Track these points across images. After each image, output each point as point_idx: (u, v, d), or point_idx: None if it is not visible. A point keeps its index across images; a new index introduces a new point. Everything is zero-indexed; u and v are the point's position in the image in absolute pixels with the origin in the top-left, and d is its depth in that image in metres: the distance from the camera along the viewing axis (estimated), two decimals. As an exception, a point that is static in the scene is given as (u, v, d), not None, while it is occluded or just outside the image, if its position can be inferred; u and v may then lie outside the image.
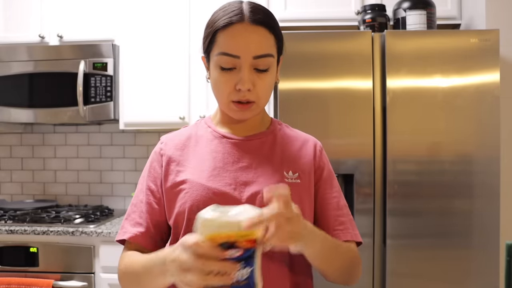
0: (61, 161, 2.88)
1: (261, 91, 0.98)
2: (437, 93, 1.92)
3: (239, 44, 0.94)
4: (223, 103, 1.01)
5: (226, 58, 0.95)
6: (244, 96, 0.96)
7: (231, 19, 0.95)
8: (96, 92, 2.47)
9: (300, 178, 1.01)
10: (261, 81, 0.97)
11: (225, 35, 0.95)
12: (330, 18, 2.38)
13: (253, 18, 0.95)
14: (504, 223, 1.96)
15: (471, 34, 1.92)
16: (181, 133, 1.10)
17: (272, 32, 0.98)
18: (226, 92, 0.97)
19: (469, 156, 1.92)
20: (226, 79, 0.96)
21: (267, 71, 0.98)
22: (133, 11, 2.50)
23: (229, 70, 0.96)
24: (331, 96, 1.96)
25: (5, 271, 2.17)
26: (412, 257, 1.92)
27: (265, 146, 1.05)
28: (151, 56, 2.48)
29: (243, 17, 0.95)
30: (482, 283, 1.90)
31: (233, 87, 0.96)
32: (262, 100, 1.00)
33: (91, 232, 2.15)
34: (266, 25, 0.97)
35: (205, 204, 0.95)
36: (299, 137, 1.10)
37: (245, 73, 0.95)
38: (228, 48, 0.95)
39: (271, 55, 0.97)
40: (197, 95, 2.46)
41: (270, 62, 0.97)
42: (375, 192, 1.94)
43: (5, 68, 2.53)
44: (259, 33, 0.96)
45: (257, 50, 0.95)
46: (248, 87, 0.95)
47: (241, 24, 0.95)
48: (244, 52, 0.94)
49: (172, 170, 1.03)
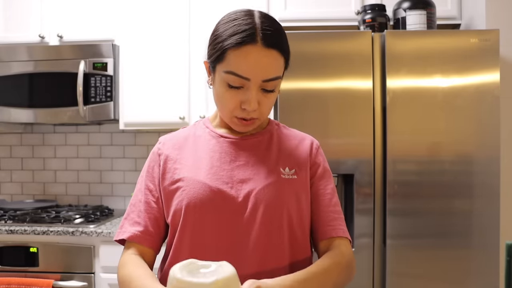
0: (61, 161, 2.88)
1: (265, 109, 0.99)
2: (437, 93, 1.92)
3: (250, 67, 0.93)
4: (226, 117, 1.02)
5: (235, 78, 0.94)
6: (248, 114, 0.97)
7: (243, 39, 0.92)
8: (96, 92, 2.47)
9: (296, 174, 1.02)
10: (267, 99, 0.98)
11: (236, 56, 0.93)
12: (330, 18, 2.38)
13: (266, 42, 0.93)
14: (504, 223, 1.96)
15: (471, 34, 1.92)
16: (179, 133, 1.11)
17: (283, 54, 0.97)
18: (231, 108, 0.98)
19: (469, 156, 1.92)
20: (232, 96, 0.96)
21: (273, 91, 0.98)
22: (133, 11, 2.50)
23: (236, 88, 0.96)
24: (331, 96, 1.96)
25: (5, 271, 2.17)
26: (412, 257, 1.92)
27: (262, 145, 1.05)
28: (151, 56, 2.48)
29: (256, 39, 0.93)
30: (482, 283, 1.90)
31: (238, 104, 0.97)
32: (264, 116, 1.02)
33: (91, 232, 2.15)
34: (278, 47, 0.95)
35: (201, 202, 0.96)
36: (296, 136, 1.11)
37: (252, 94, 0.95)
38: (239, 69, 0.93)
39: (280, 77, 0.98)
40: (197, 95, 2.46)
41: (277, 83, 0.98)
42: (375, 192, 1.94)
43: (5, 68, 2.53)
44: (271, 57, 0.94)
45: (267, 74, 0.95)
46: (254, 108, 0.96)
47: (254, 46, 0.93)
48: (254, 75, 0.94)
49: (170, 168, 1.03)
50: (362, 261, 1.93)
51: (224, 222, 0.96)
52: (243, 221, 0.96)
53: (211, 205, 0.97)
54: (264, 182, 0.99)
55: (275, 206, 0.97)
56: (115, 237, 1.05)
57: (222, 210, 0.97)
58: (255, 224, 0.96)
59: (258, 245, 0.96)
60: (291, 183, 1.00)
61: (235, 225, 0.96)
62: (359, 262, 1.92)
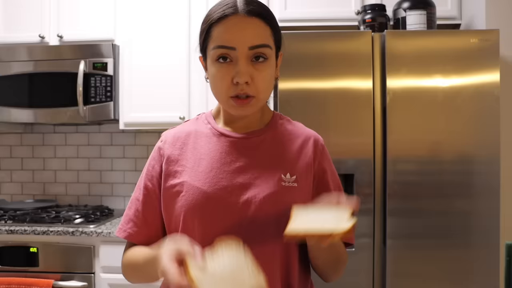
0: (61, 161, 2.88)
1: (260, 84, 0.95)
2: (437, 93, 1.92)
3: (234, 35, 0.93)
4: (222, 100, 0.99)
5: (221, 51, 0.94)
6: (242, 89, 0.94)
7: (224, 11, 0.94)
8: (96, 92, 2.46)
9: (297, 182, 0.99)
10: (259, 73, 0.95)
11: (220, 28, 0.94)
12: (330, 18, 2.38)
13: (247, 9, 0.95)
14: (504, 223, 1.96)
15: (471, 34, 1.92)
16: (181, 129, 1.09)
17: (267, 23, 0.96)
18: (224, 87, 0.95)
19: (469, 156, 1.92)
20: (223, 74, 0.95)
21: (265, 62, 0.96)
22: (133, 11, 2.50)
23: (225, 64, 0.94)
24: (331, 96, 1.96)
25: (5, 271, 2.17)
26: (412, 257, 1.92)
27: (264, 145, 1.03)
28: (151, 56, 2.48)
29: (236, 9, 0.94)
30: (482, 283, 1.90)
31: (230, 81, 0.94)
32: (262, 94, 0.97)
33: (91, 232, 2.15)
34: (261, 16, 0.96)
35: (201, 209, 0.96)
36: (300, 134, 1.07)
37: (242, 64, 0.93)
38: (223, 40, 0.94)
39: (268, 46, 0.96)
40: (197, 95, 2.46)
41: (267, 53, 0.96)
42: (375, 192, 1.94)
43: (5, 68, 2.53)
44: (254, 24, 0.95)
45: (253, 40, 0.94)
46: (245, 80, 0.93)
47: (235, 16, 0.94)
48: (239, 43, 0.93)
49: (171, 170, 1.02)
50: (362, 261, 1.93)
51: (221, 229, 0.95)
52: (241, 228, 0.95)
53: (209, 213, 0.96)
54: (264, 190, 0.97)
55: (273, 215, 0.96)
56: (116, 232, 1.08)
57: (220, 217, 0.96)
58: (252, 232, 0.95)
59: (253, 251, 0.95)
60: (291, 191, 0.98)
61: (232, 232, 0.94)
62: (359, 262, 1.92)
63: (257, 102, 0.98)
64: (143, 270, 0.98)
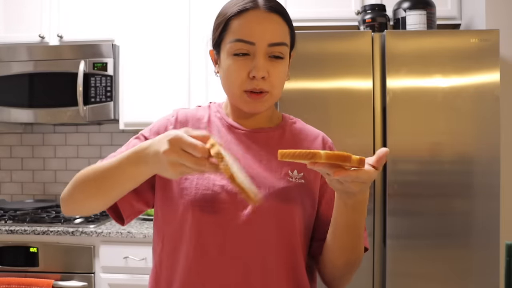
0: (61, 161, 2.88)
1: (275, 80, 0.95)
2: (437, 93, 1.92)
3: (255, 30, 0.93)
4: (235, 94, 0.97)
5: (240, 45, 0.93)
6: (258, 85, 0.93)
7: (245, 5, 0.94)
8: (96, 92, 2.47)
9: (304, 178, 0.99)
10: (275, 69, 0.95)
11: (240, 21, 0.93)
12: (330, 18, 2.38)
13: (268, 5, 0.94)
14: (504, 223, 1.96)
15: (471, 34, 1.92)
16: (194, 113, 1.06)
17: (285, 20, 0.97)
18: (239, 81, 0.94)
19: (469, 156, 1.92)
20: (239, 67, 0.93)
21: (282, 60, 0.96)
22: (133, 11, 2.50)
23: (242, 57, 0.93)
24: (331, 96, 1.96)
25: (5, 271, 2.17)
26: (412, 257, 1.92)
27: (272, 141, 1.02)
28: (151, 56, 2.48)
29: (257, 4, 0.94)
30: (482, 283, 1.90)
31: (246, 75, 0.93)
32: (276, 90, 0.97)
33: (91, 232, 2.15)
34: (280, 13, 0.96)
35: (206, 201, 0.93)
36: (309, 134, 1.07)
37: (260, 60, 0.92)
38: (243, 34, 0.93)
39: (286, 44, 0.96)
40: (197, 95, 2.46)
41: (284, 51, 0.96)
42: (375, 192, 1.94)
43: (5, 68, 2.53)
44: (274, 21, 0.94)
45: (272, 38, 0.93)
46: (262, 75, 0.92)
47: (256, 10, 0.94)
48: (259, 39, 0.92)
49: None
50: (362, 261, 1.93)
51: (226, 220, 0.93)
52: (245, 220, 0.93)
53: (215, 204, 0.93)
54: (271, 184, 0.95)
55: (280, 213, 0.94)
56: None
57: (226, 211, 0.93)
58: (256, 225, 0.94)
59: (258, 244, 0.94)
60: (298, 187, 0.97)
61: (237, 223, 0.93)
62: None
63: (270, 98, 0.97)
64: (105, 175, 0.87)
